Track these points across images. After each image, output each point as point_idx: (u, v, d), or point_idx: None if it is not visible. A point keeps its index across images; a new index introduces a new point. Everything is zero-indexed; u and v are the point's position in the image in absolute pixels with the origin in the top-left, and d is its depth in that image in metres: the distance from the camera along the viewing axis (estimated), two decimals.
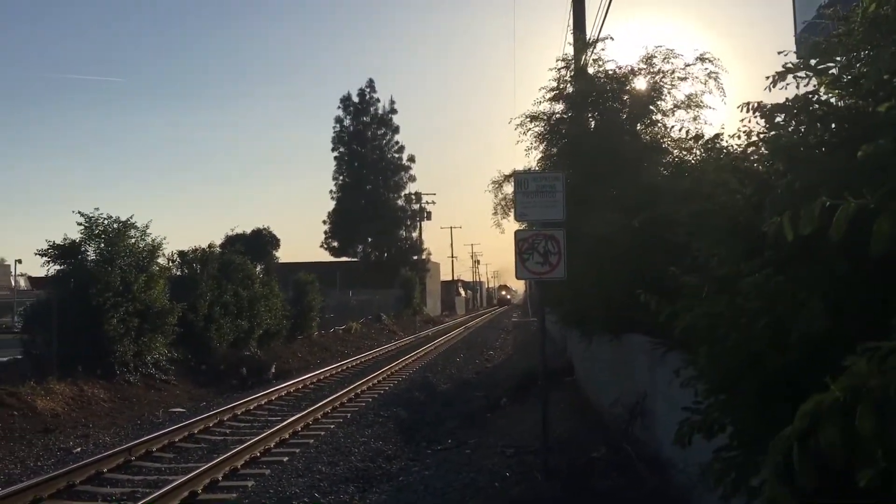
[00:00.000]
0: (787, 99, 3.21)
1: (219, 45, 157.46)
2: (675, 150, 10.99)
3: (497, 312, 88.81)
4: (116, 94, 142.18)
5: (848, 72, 3.24)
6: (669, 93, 11.54)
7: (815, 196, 2.17)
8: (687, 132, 9.32)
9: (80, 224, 18.39)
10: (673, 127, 11.29)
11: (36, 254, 18.30)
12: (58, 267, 18.48)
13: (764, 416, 2.56)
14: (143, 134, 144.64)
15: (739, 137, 3.63)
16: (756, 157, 3.52)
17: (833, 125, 3.24)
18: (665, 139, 11.43)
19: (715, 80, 11.10)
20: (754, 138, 3.37)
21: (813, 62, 3.27)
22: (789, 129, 3.21)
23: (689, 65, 11.27)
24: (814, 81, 3.28)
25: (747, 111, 3.16)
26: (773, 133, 3.16)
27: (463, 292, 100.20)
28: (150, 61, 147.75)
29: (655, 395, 7.29)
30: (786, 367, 2.49)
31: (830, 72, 3.32)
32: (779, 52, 3.51)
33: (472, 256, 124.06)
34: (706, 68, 11.11)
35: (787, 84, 3.44)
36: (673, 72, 11.44)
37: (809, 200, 2.14)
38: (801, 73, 3.38)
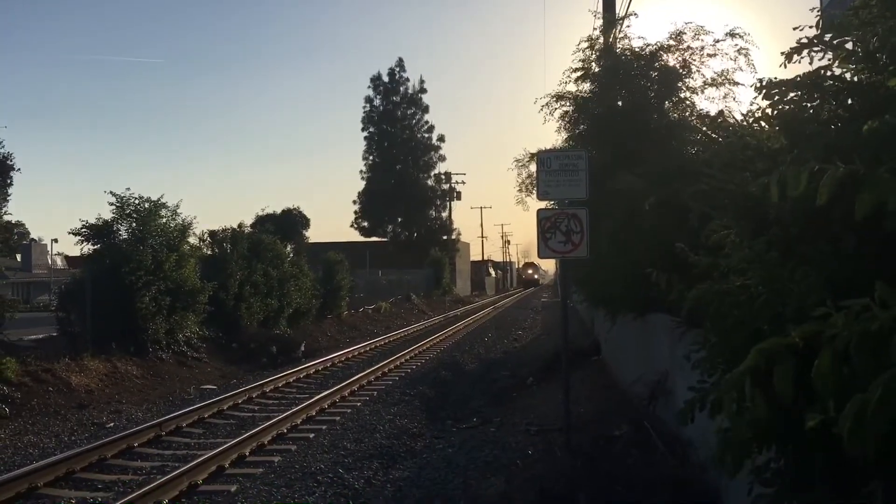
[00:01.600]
0: (798, 75, 3.16)
1: (248, 25, 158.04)
2: (704, 128, 10.85)
3: (525, 294, 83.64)
4: (154, 76, 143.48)
5: (863, 46, 3.19)
6: (699, 70, 11.39)
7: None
8: (693, 114, 9.19)
9: (111, 204, 18.73)
10: (697, 107, 11.13)
11: (70, 233, 18.74)
12: (91, 246, 18.85)
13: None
14: (176, 115, 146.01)
15: (753, 115, 3.59)
16: (771, 134, 3.48)
17: (848, 100, 3.20)
18: (693, 117, 11.29)
19: (745, 56, 10.91)
20: (759, 115, 3.34)
21: (828, 37, 3.22)
22: (803, 105, 3.17)
23: (718, 41, 11.08)
24: (829, 56, 3.23)
25: (758, 89, 3.13)
26: (780, 109, 3.12)
27: (493, 272, 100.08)
28: (181, 44, 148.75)
29: (676, 374, 7.27)
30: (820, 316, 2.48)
31: (846, 46, 3.27)
32: (794, 28, 3.46)
33: (502, 236, 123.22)
34: (736, 44, 10.92)
35: (803, 58, 3.39)
36: (702, 48, 11.26)
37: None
38: (818, 48, 3.34)
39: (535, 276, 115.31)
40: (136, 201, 18.99)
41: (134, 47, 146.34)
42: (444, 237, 67.98)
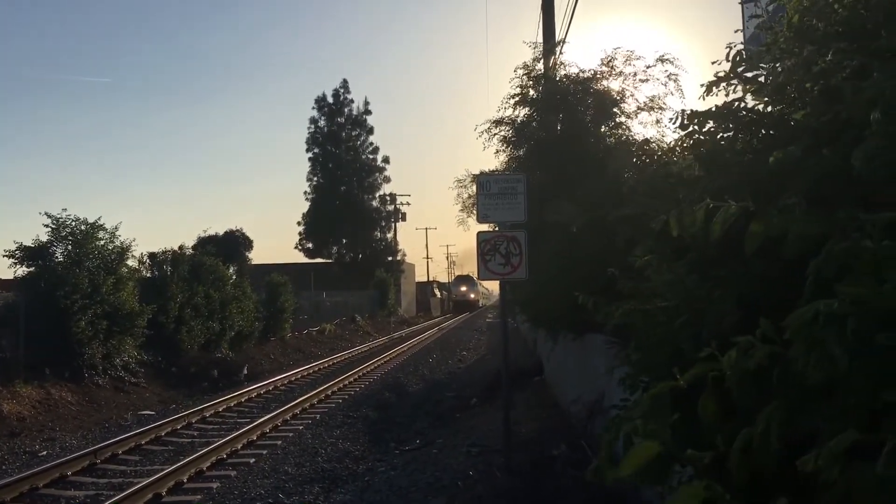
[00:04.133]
0: (714, 106, 3.33)
1: (190, 44, 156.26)
2: (638, 153, 11.15)
3: (462, 318, 65.32)
4: (94, 95, 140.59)
5: (774, 79, 3.38)
6: (632, 95, 11.71)
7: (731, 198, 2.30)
8: (628, 138, 9.48)
9: (47, 226, 18.31)
10: (632, 131, 11.45)
11: (3, 255, 18.22)
12: (26, 269, 18.37)
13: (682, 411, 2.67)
14: (115, 134, 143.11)
15: (677, 143, 3.76)
16: (690, 163, 3.64)
17: (761, 131, 3.38)
18: (628, 142, 11.59)
19: (675, 81, 11.27)
20: (681, 143, 3.50)
21: (740, 69, 3.40)
22: (718, 136, 3.33)
23: (650, 66, 11.42)
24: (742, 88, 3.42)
25: (673, 120, 3.29)
26: (697, 139, 3.29)
27: (438, 293, 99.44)
28: (121, 61, 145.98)
29: (612, 394, 7.42)
30: (705, 357, 2.60)
31: (759, 79, 3.46)
32: (712, 62, 3.65)
33: (447, 257, 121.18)
34: (666, 70, 11.27)
35: (720, 91, 3.58)
36: (635, 74, 11.59)
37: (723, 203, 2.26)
38: (734, 81, 3.53)
39: (472, 296, 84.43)
40: (73, 223, 18.62)
41: (78, 66, 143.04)
42: (390, 258, 67.88)
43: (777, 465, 1.84)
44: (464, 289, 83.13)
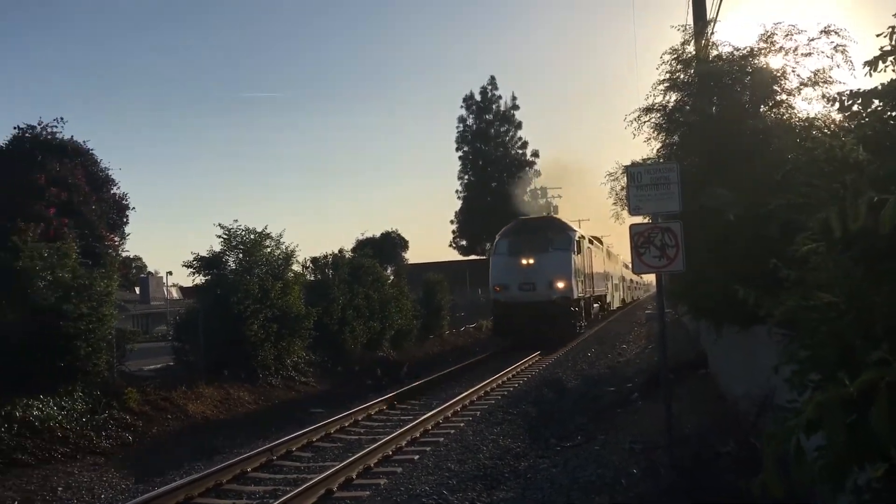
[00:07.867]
0: (881, 83, 3.08)
1: (343, 48, 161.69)
2: (802, 132, 10.52)
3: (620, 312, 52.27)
4: (254, 109, 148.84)
5: None
6: (794, 70, 11.06)
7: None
8: (791, 116, 8.90)
9: (219, 236, 19.59)
10: (794, 108, 10.79)
11: (183, 265, 19.73)
12: (203, 277, 19.77)
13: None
14: (275, 143, 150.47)
15: (835, 125, 3.51)
16: (853, 146, 3.39)
17: None
18: (792, 119, 10.96)
19: (843, 52, 10.54)
20: (846, 125, 3.26)
21: None
22: (885, 116, 3.09)
23: (812, 39, 10.75)
24: None
25: (831, 102, 3.07)
26: (860, 120, 3.05)
27: None
28: (275, 70, 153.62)
29: (782, 390, 7.04)
30: (877, 361, 2.42)
31: None
32: (877, 35, 3.37)
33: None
34: (832, 41, 10.56)
35: (886, 68, 3.30)
36: (796, 48, 10.95)
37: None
38: None
39: (560, 284, 28.97)
40: (243, 233, 19.82)
41: (237, 80, 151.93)
42: None
43: None
44: (526, 262, 29.72)
